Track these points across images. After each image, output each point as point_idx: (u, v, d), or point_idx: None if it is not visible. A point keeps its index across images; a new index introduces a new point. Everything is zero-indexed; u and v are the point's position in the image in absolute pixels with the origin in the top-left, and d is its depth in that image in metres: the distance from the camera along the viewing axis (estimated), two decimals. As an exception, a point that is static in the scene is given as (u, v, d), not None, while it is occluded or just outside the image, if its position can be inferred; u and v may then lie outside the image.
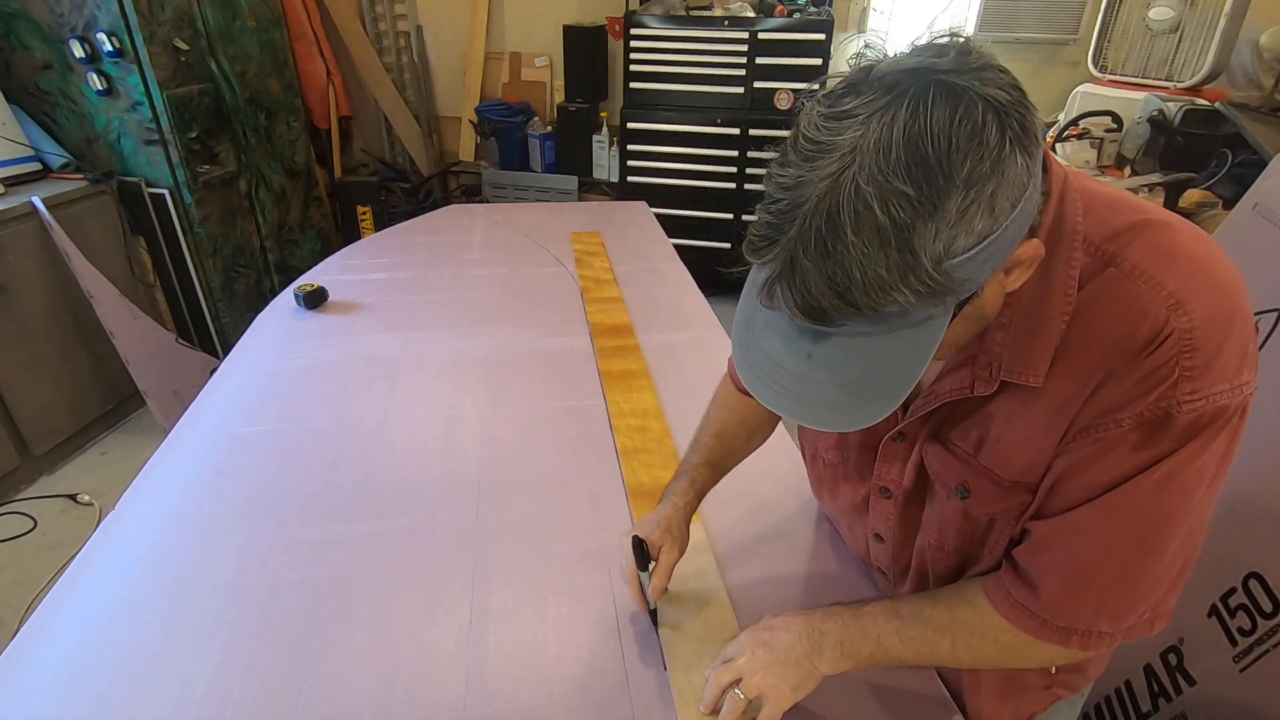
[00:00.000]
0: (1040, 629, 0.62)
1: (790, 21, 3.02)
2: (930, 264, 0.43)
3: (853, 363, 0.49)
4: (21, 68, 2.44)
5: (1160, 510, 0.55)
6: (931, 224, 0.42)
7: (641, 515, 1.04)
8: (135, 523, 1.04)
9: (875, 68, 0.45)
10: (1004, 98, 0.43)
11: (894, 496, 0.75)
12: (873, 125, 0.42)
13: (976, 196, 0.42)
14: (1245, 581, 1.15)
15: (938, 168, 0.41)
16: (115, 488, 1.55)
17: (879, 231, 0.42)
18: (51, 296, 2.32)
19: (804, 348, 0.50)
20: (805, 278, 0.44)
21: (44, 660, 0.83)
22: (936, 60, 0.44)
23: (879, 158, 0.42)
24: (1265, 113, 2.48)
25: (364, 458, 1.17)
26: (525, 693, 0.79)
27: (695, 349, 1.53)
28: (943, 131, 0.42)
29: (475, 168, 3.89)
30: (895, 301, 0.44)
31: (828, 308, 0.45)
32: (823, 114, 0.45)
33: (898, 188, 0.41)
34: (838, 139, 0.43)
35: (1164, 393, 0.51)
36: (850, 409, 0.50)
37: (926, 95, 0.42)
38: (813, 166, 0.44)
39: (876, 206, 0.42)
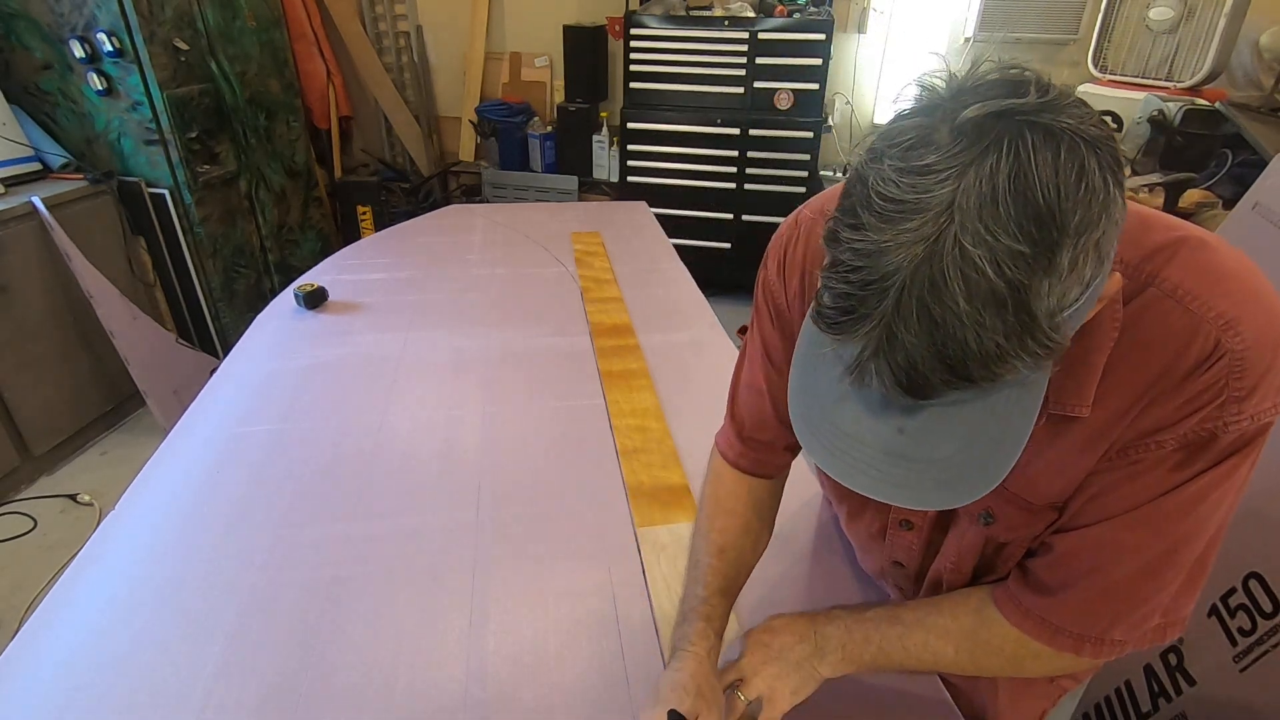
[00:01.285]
0: (1053, 637, 0.61)
1: (790, 21, 3.02)
2: (1046, 324, 0.39)
3: (952, 434, 0.45)
4: (21, 68, 2.44)
5: (1192, 524, 0.55)
6: (1046, 280, 0.38)
7: (642, 515, 1.05)
8: (135, 523, 1.04)
9: (945, 114, 0.40)
10: (1097, 133, 0.39)
11: (916, 528, 0.74)
12: (968, 178, 0.38)
13: (1087, 243, 0.38)
14: (1245, 581, 1.15)
15: (1050, 219, 0.37)
16: (115, 488, 1.55)
17: (994, 296, 0.37)
18: (51, 296, 2.32)
19: (893, 422, 0.46)
20: (909, 353, 0.40)
21: (44, 660, 0.83)
22: (1018, 100, 0.39)
23: (983, 214, 0.37)
24: (1265, 113, 2.48)
25: (364, 458, 1.17)
26: (525, 693, 0.79)
27: (695, 349, 1.53)
28: (1050, 179, 0.37)
29: (475, 168, 3.89)
30: (1014, 369, 0.40)
31: (936, 383, 0.40)
32: (899, 169, 0.39)
33: (1010, 246, 0.37)
34: (925, 197, 0.38)
35: (1210, 414, 0.50)
36: (952, 486, 0.46)
37: (1024, 140, 0.38)
38: (899, 230, 0.39)
39: (989, 269, 0.37)
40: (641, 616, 0.89)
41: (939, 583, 0.76)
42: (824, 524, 1.05)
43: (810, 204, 0.72)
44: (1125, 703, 1.33)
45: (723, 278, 3.42)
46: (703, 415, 1.30)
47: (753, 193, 3.32)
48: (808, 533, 1.04)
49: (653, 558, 0.97)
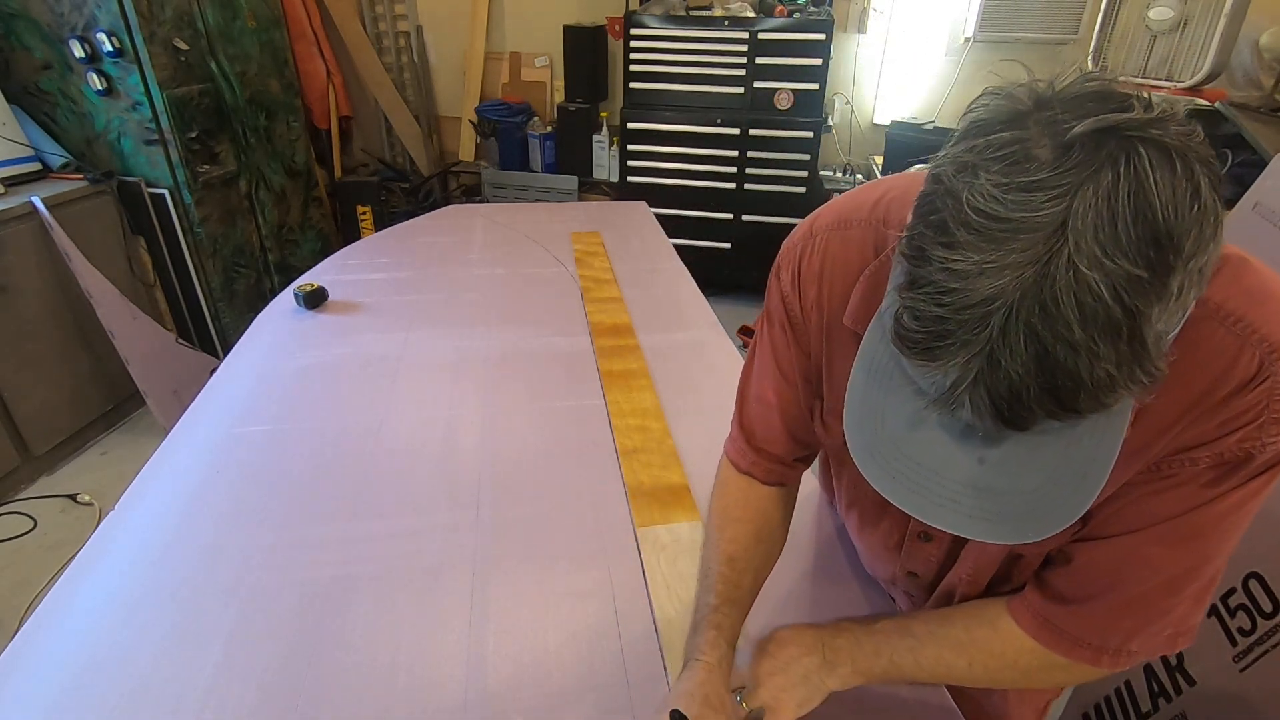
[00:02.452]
0: (1072, 648, 0.60)
1: (790, 21, 3.02)
2: (1154, 352, 0.37)
3: (1035, 467, 0.43)
4: (21, 68, 2.44)
5: (1218, 539, 0.55)
6: (1159, 306, 0.36)
7: (641, 515, 1.05)
8: (135, 523, 1.04)
9: (1045, 125, 0.37)
10: (1204, 151, 0.37)
11: (936, 539, 0.72)
12: (1083, 197, 0.35)
13: (1194, 268, 0.36)
14: (1245, 581, 1.15)
15: (1169, 242, 0.35)
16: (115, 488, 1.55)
17: (1110, 322, 0.35)
18: (51, 296, 2.32)
19: (973, 453, 0.44)
20: (1013, 383, 0.37)
21: (44, 660, 0.83)
22: (1128, 115, 0.36)
23: (1101, 235, 0.35)
24: (1265, 113, 2.48)
25: (364, 458, 1.17)
26: (525, 693, 0.79)
27: (695, 349, 1.53)
28: (1169, 199, 0.35)
29: (475, 168, 3.89)
30: (1120, 399, 0.38)
31: (1040, 414, 0.38)
32: (1000, 184, 0.37)
33: (1129, 270, 0.35)
34: (1034, 216, 0.36)
35: (1249, 434, 0.49)
36: (1035, 518, 0.44)
37: (1141, 158, 0.35)
38: (1003, 249, 0.36)
39: (1106, 293, 0.35)
40: (641, 616, 0.89)
41: (951, 593, 0.75)
42: (824, 523, 1.05)
43: (824, 213, 0.70)
44: (1125, 703, 1.33)
45: (723, 278, 3.43)
46: (703, 415, 1.30)
47: (753, 193, 3.32)
48: (808, 531, 1.04)
49: (653, 558, 0.97)
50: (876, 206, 0.64)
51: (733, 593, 0.74)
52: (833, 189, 3.38)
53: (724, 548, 0.76)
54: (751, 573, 0.76)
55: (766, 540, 0.78)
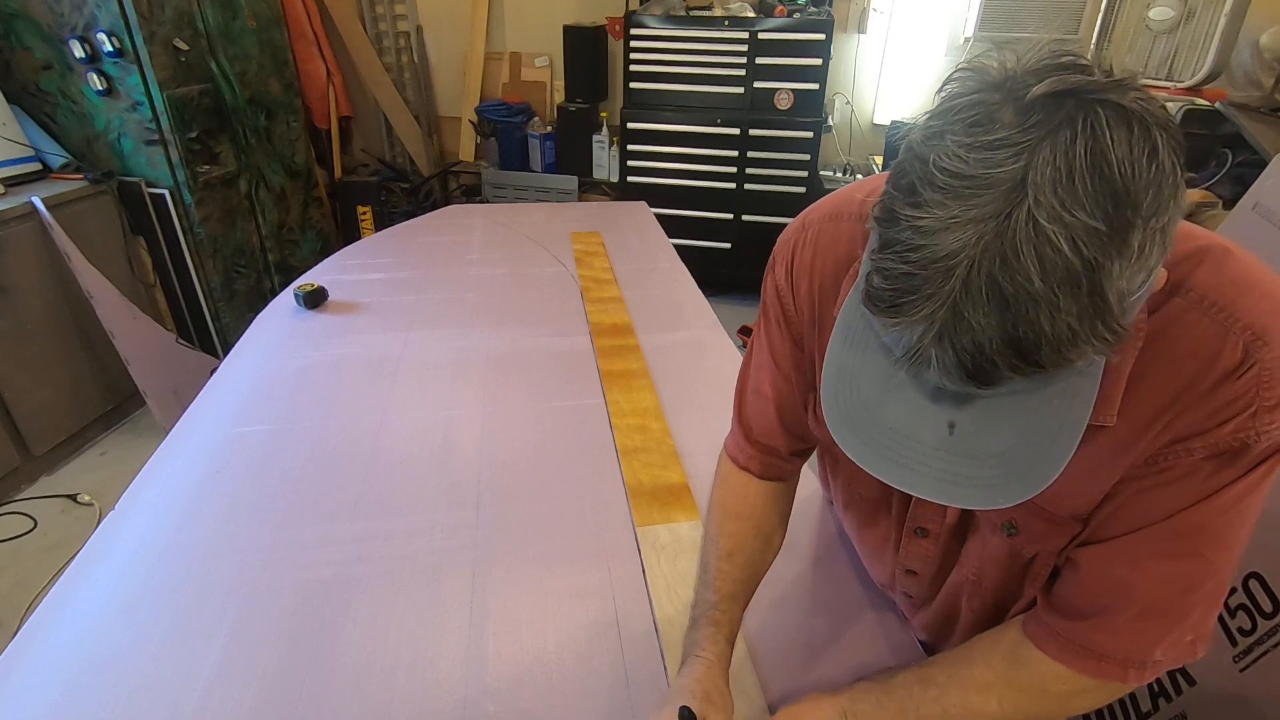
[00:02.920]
0: (1098, 666, 0.58)
1: (790, 21, 3.02)
2: (1117, 308, 0.38)
3: (1005, 428, 0.44)
4: (21, 68, 2.44)
5: (1224, 533, 0.54)
6: (1119, 262, 0.37)
7: (641, 514, 1.05)
8: (135, 523, 1.04)
9: (1009, 91, 0.39)
10: (1163, 116, 0.38)
11: (932, 535, 0.72)
12: (1042, 153, 0.36)
13: (1155, 227, 0.37)
14: (1245, 581, 1.15)
15: (1125, 198, 0.36)
16: (115, 488, 1.55)
17: (1069, 274, 0.36)
18: (51, 296, 2.32)
19: (943, 415, 0.44)
20: (975, 335, 0.38)
21: (44, 660, 0.83)
22: (1088, 78, 0.38)
23: (1059, 189, 0.36)
24: (1265, 113, 2.48)
25: (364, 457, 1.17)
26: (525, 693, 0.79)
27: (695, 349, 1.53)
28: (1125, 156, 0.36)
29: (475, 168, 3.89)
30: (1084, 354, 0.38)
31: (1003, 368, 0.39)
32: (964, 144, 0.38)
33: (1086, 222, 0.36)
34: (995, 171, 0.37)
35: (1241, 423, 0.49)
36: (1004, 482, 0.44)
37: (1099, 118, 0.36)
38: (967, 205, 0.37)
39: (1065, 245, 0.36)
40: (641, 616, 0.89)
41: (958, 595, 0.74)
42: (825, 522, 1.05)
43: (817, 207, 0.71)
44: (1125, 703, 1.33)
45: (723, 278, 3.43)
46: (703, 415, 1.30)
47: (753, 193, 3.32)
48: (809, 531, 1.04)
49: (653, 557, 0.97)
50: (867, 200, 0.64)
51: (732, 588, 0.74)
52: (833, 189, 3.36)
53: (723, 543, 0.76)
54: (750, 568, 0.76)
55: (765, 536, 0.78)
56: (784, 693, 0.80)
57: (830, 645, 0.87)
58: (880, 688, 0.65)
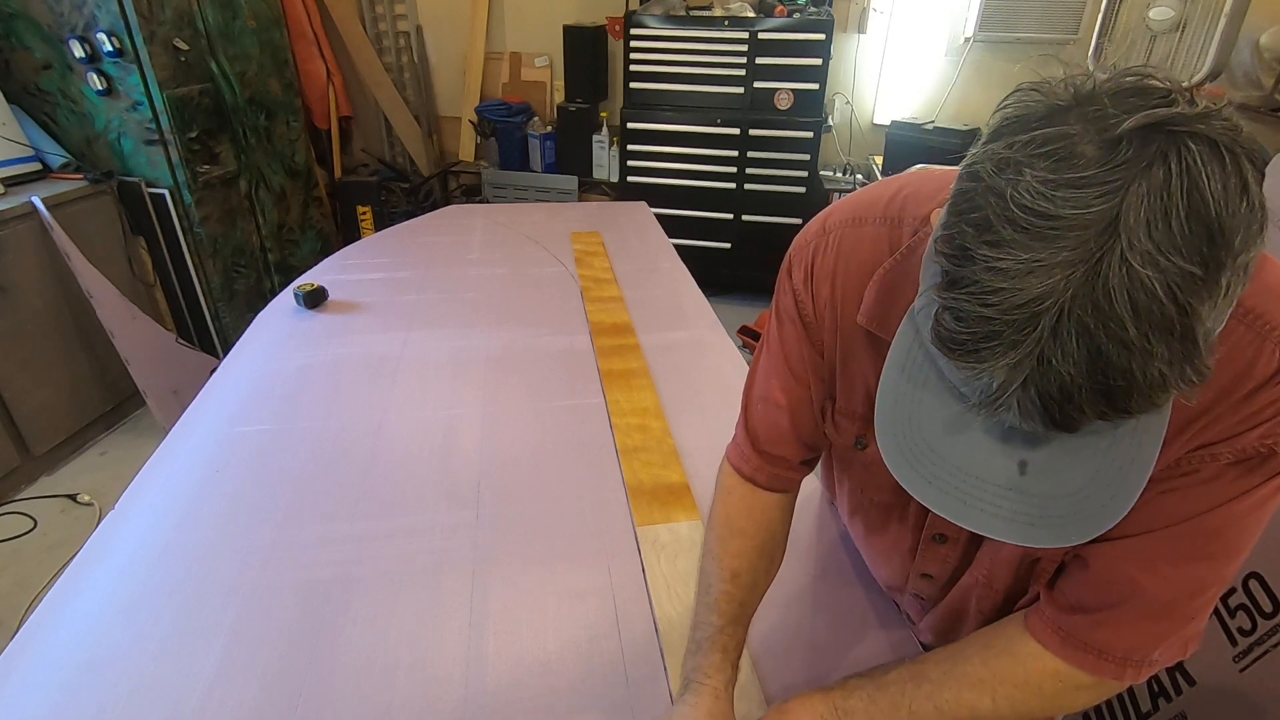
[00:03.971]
0: (1097, 663, 0.58)
1: (790, 21, 3.02)
2: (1204, 349, 0.36)
3: (1077, 468, 0.43)
4: (21, 68, 2.44)
5: (1238, 539, 0.54)
6: (1208, 303, 0.35)
7: (642, 514, 1.04)
8: (135, 522, 1.04)
9: (1088, 121, 0.37)
10: (1250, 145, 0.36)
11: (952, 541, 0.71)
12: (1134, 193, 0.34)
13: (1241, 264, 0.36)
14: (1245, 581, 1.15)
15: (1220, 238, 0.34)
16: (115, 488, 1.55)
17: (1164, 321, 0.35)
18: (51, 296, 2.32)
19: (1014, 456, 0.43)
20: (1064, 384, 0.36)
21: (44, 660, 0.83)
22: (1172, 110, 0.35)
23: (1154, 232, 0.34)
24: (1265, 113, 2.48)
25: (364, 457, 1.17)
26: (525, 693, 0.79)
27: (695, 348, 1.53)
28: (1221, 196, 0.34)
29: (475, 168, 3.89)
30: (1169, 398, 0.37)
31: (1090, 414, 0.37)
32: (1047, 180, 0.36)
33: (1182, 267, 0.34)
34: (1084, 213, 0.35)
35: (1269, 429, 0.49)
36: (1077, 520, 0.44)
37: (1191, 153, 0.34)
38: (1053, 247, 0.35)
39: (1160, 291, 0.34)
40: (641, 616, 0.89)
41: (967, 598, 0.73)
42: (825, 523, 1.05)
43: (837, 211, 0.68)
44: (1125, 703, 1.33)
45: (723, 278, 3.42)
46: (703, 414, 1.30)
47: (753, 193, 3.32)
48: (809, 532, 1.04)
49: (653, 556, 0.97)
50: (891, 203, 0.63)
51: (737, 611, 0.72)
52: (833, 189, 3.39)
53: (727, 563, 0.74)
54: (755, 589, 0.75)
55: (769, 554, 0.77)
56: (784, 692, 0.80)
57: (830, 645, 0.87)
58: (873, 684, 0.64)
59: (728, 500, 0.78)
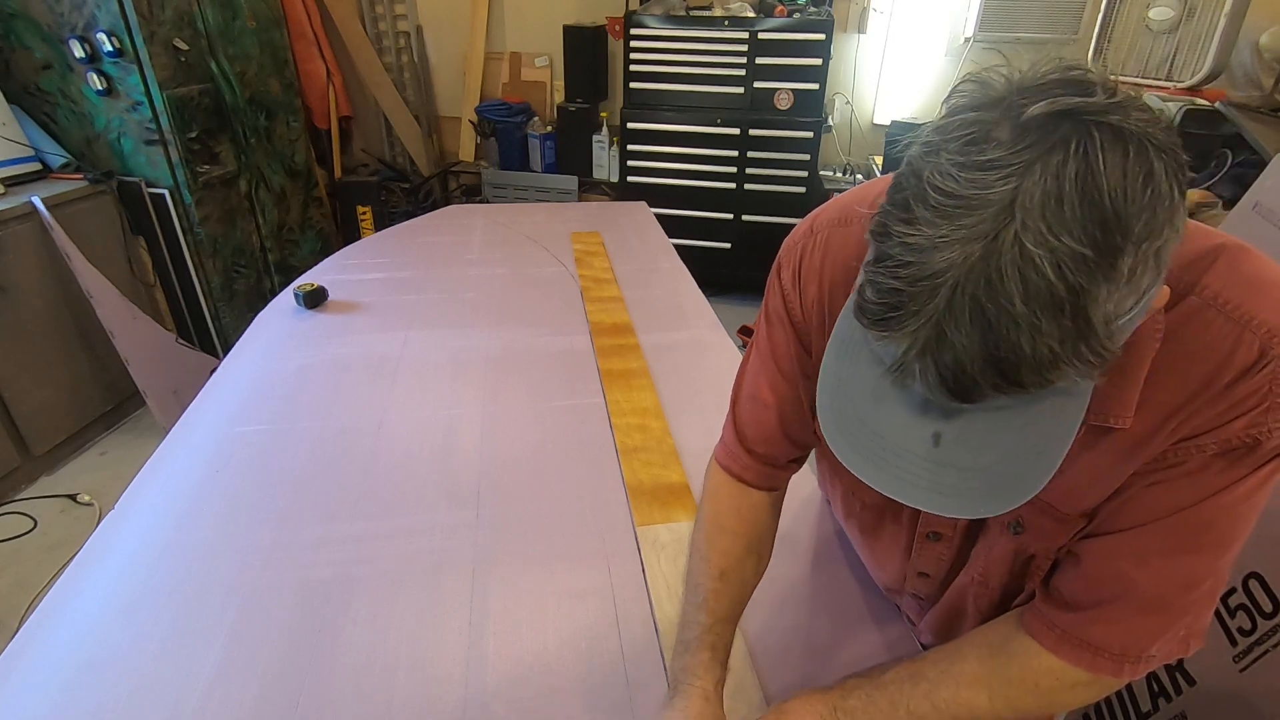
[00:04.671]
0: (1093, 660, 0.58)
1: (790, 21, 3.02)
2: (1102, 331, 0.38)
3: (990, 443, 0.44)
4: (21, 68, 2.44)
5: (1229, 531, 0.54)
6: (1106, 286, 0.37)
7: (642, 513, 1.05)
8: (135, 522, 1.04)
9: (1008, 111, 0.39)
10: (1164, 138, 0.38)
11: (945, 538, 0.71)
12: (1032, 176, 0.37)
13: (1148, 251, 0.38)
14: (1245, 581, 1.15)
15: (1115, 223, 0.36)
16: (115, 488, 1.55)
17: (1052, 299, 0.37)
18: (51, 296, 2.32)
19: (930, 427, 0.45)
20: (958, 354, 0.39)
21: (44, 660, 0.83)
22: (1086, 99, 0.38)
23: (1047, 214, 0.36)
24: (1265, 113, 2.48)
25: (364, 457, 1.17)
26: (525, 693, 0.79)
27: (695, 348, 1.53)
28: (1118, 181, 0.36)
29: (475, 168, 3.89)
30: (1065, 375, 0.39)
31: (984, 386, 0.39)
32: (959, 164, 0.38)
33: (1072, 248, 0.36)
34: (986, 193, 0.37)
35: (1254, 419, 0.49)
36: (990, 495, 0.45)
37: (1093, 140, 0.36)
38: (957, 225, 0.38)
39: (1049, 270, 0.36)
40: (641, 616, 0.89)
41: (964, 598, 0.73)
42: (824, 523, 1.05)
43: (825, 211, 0.69)
44: (1125, 703, 1.33)
45: (723, 278, 3.42)
46: (703, 414, 1.30)
47: (753, 193, 3.32)
48: (809, 531, 1.04)
49: (653, 556, 0.97)
50: (877, 203, 0.64)
51: (726, 610, 0.72)
52: (833, 189, 3.39)
53: (715, 561, 0.74)
54: (743, 587, 0.75)
55: (756, 552, 0.77)
56: (783, 692, 0.80)
57: (830, 645, 0.87)
58: (871, 683, 0.64)
59: (715, 499, 0.79)
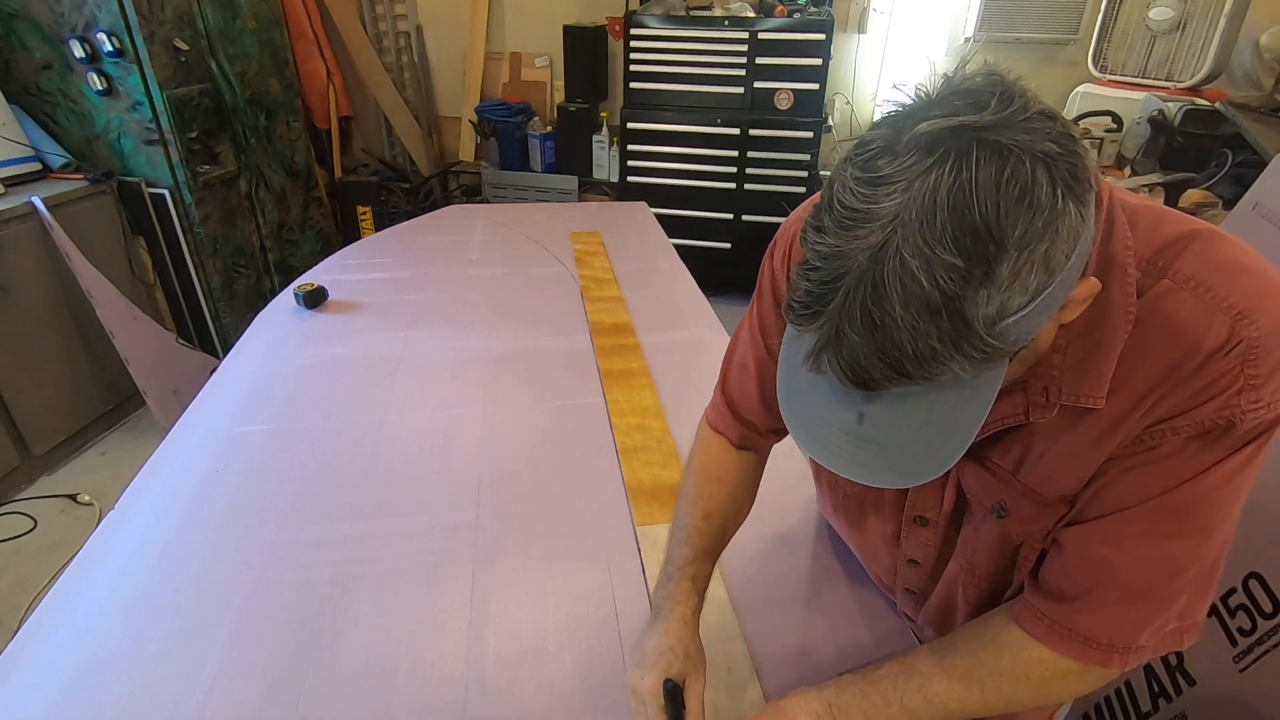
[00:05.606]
0: (1083, 650, 0.58)
1: (790, 21, 3.02)
2: (984, 330, 0.41)
3: (906, 423, 0.48)
4: (21, 68, 2.44)
5: (1209, 516, 0.54)
6: (983, 290, 0.40)
7: (642, 513, 1.05)
8: (135, 522, 1.04)
9: (908, 125, 0.42)
10: (1053, 149, 0.40)
11: (931, 523, 0.72)
12: (913, 191, 0.40)
13: (1030, 257, 0.40)
14: (1245, 581, 1.15)
15: (986, 234, 0.39)
16: (115, 488, 1.55)
17: (928, 304, 0.40)
18: (51, 296, 2.32)
19: (854, 407, 0.49)
20: (853, 350, 0.43)
21: (44, 660, 0.83)
22: (975, 116, 0.41)
23: (923, 228, 0.40)
24: (1265, 113, 2.48)
25: (364, 457, 1.17)
26: (525, 693, 0.79)
27: (695, 348, 1.53)
28: (989, 196, 0.39)
29: (475, 168, 3.89)
30: (949, 370, 0.43)
31: (879, 377, 0.44)
32: (858, 178, 0.42)
33: (945, 259, 0.39)
34: (875, 207, 0.41)
35: (1227, 401, 0.50)
36: (905, 468, 0.49)
37: (969, 156, 0.40)
38: (851, 236, 0.42)
39: (924, 279, 0.40)
40: (641, 615, 0.89)
41: (954, 589, 0.74)
42: (824, 522, 1.05)
43: None
44: (1125, 703, 1.33)
45: (723, 277, 3.42)
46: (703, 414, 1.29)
47: (753, 193, 3.31)
48: (809, 531, 1.04)
49: (653, 556, 0.97)
50: None
51: (708, 546, 0.78)
52: (833, 189, 3.38)
53: (701, 504, 0.80)
54: (724, 530, 0.81)
55: (739, 501, 0.83)
56: (781, 691, 0.79)
57: (829, 645, 0.87)
58: (865, 679, 0.65)
59: (705, 452, 0.86)
